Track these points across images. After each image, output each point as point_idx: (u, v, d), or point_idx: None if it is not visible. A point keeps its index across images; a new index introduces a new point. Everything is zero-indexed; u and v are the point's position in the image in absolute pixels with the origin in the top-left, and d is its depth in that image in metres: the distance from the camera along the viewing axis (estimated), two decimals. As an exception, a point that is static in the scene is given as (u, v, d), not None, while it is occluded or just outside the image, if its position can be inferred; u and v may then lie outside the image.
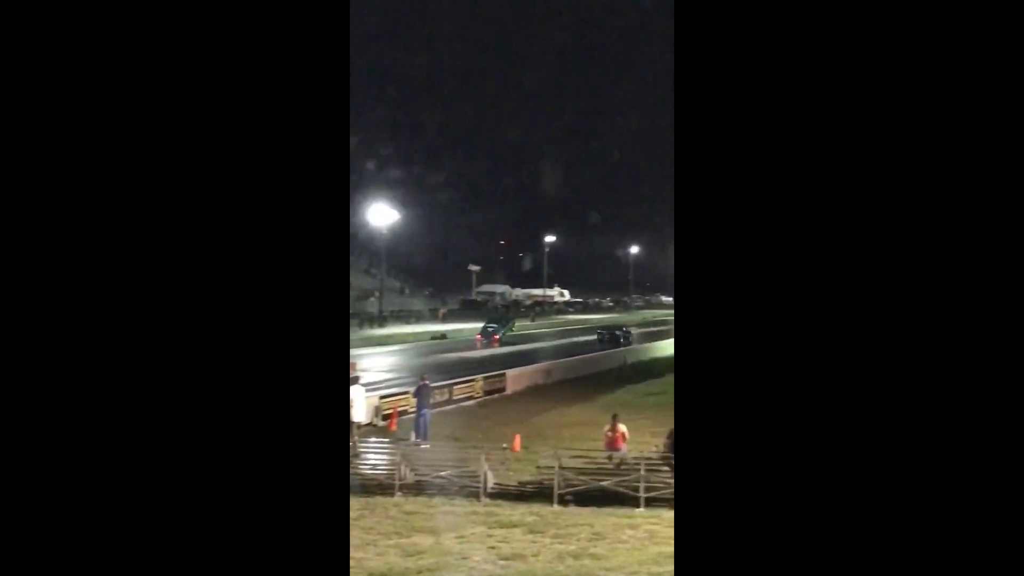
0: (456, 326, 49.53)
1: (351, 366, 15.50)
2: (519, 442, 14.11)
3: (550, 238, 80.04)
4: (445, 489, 11.61)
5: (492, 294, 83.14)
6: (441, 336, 44.28)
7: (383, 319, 51.32)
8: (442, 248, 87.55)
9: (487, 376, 22.97)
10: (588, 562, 8.66)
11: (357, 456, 12.46)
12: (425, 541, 9.34)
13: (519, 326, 49.06)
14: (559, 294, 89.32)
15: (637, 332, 47.86)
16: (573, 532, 9.67)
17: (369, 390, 17.85)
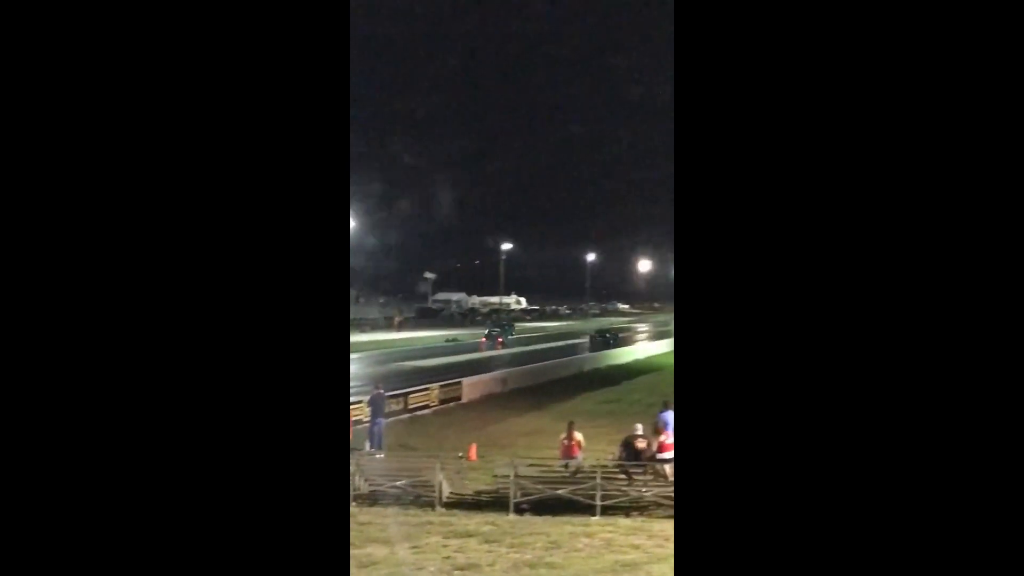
0: (412, 334, 49.65)
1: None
2: (475, 451, 14.11)
3: (507, 245, 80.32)
4: (400, 499, 11.55)
5: (448, 302, 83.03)
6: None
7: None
8: (397, 256, 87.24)
9: (443, 385, 22.90)
10: (544, 571, 8.70)
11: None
12: (379, 552, 9.28)
13: (470, 335, 50.46)
14: (516, 302, 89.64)
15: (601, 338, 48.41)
16: (529, 541, 9.70)
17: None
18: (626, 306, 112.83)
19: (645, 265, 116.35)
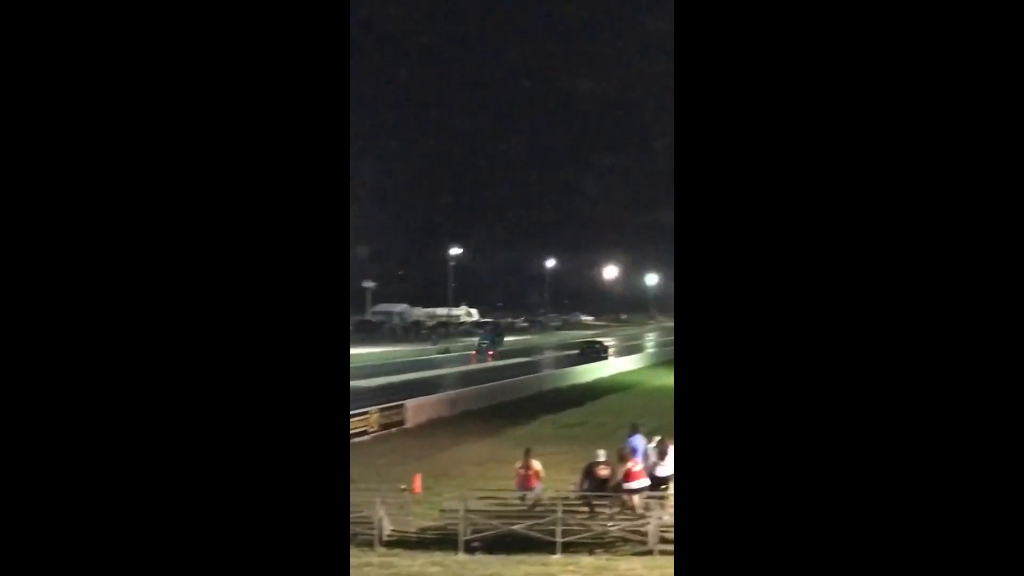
0: (353, 351, 49.08)
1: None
2: (419, 482, 14.06)
3: (455, 250, 79.73)
4: (335, 538, 11.51)
5: (389, 314, 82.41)
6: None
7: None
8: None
9: (383, 408, 22.73)
10: (498, 616, 8.73)
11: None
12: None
13: (417, 351, 50.87)
14: (466, 313, 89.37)
15: (554, 356, 48.83)
16: (481, 583, 9.72)
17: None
18: (590, 318, 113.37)
19: (611, 272, 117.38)
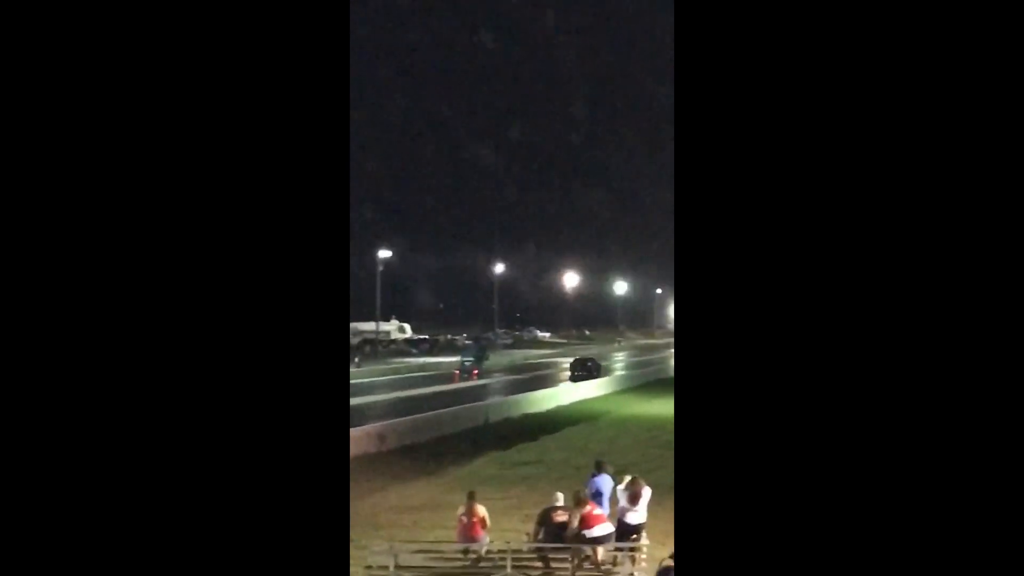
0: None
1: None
2: (341, 534, 13.92)
3: (384, 253, 78.63)
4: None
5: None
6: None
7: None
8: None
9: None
10: None
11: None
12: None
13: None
14: (398, 329, 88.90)
15: (505, 379, 48.81)
16: (415, 655, 9.63)
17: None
18: (546, 334, 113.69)
19: (571, 280, 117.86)
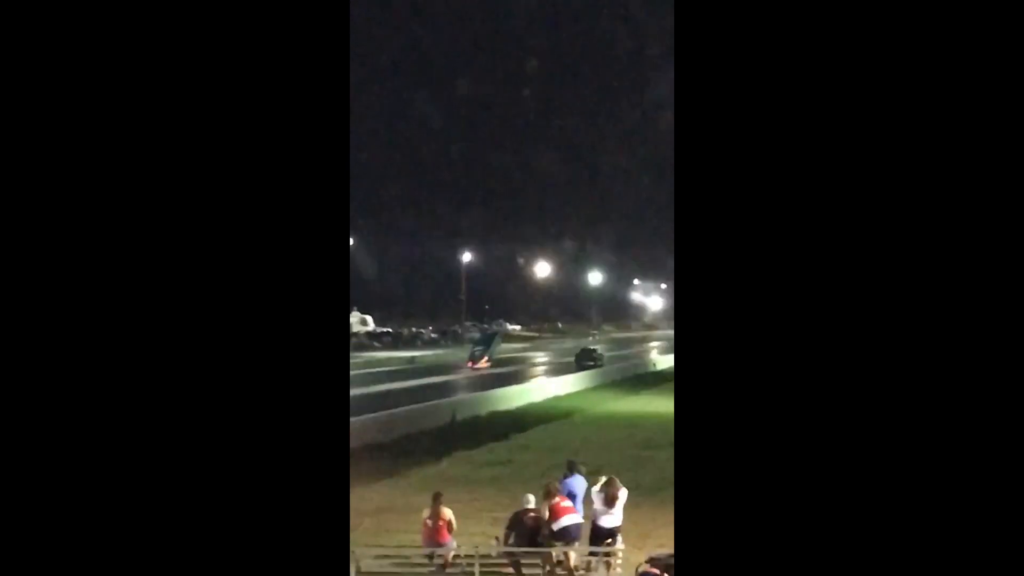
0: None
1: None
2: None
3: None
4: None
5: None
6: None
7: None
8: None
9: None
10: None
11: None
12: None
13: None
14: (360, 322, 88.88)
15: (474, 375, 49.02)
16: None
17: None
18: (516, 327, 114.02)
19: (544, 269, 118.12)
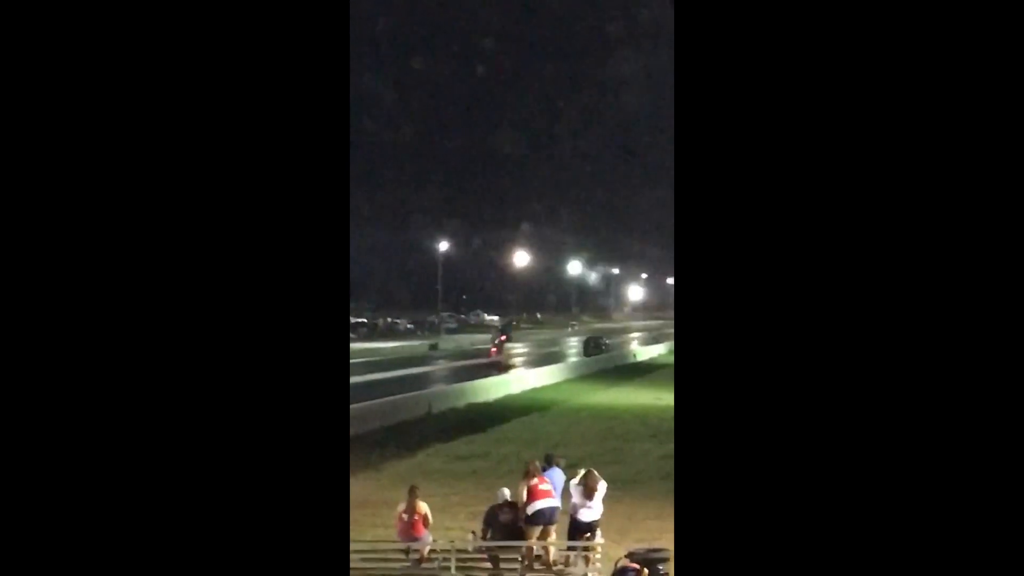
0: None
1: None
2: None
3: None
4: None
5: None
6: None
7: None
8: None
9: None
10: None
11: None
12: None
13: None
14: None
15: (450, 367, 48.92)
16: (351, 664, 9.56)
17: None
18: (494, 318, 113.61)
19: (522, 259, 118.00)
